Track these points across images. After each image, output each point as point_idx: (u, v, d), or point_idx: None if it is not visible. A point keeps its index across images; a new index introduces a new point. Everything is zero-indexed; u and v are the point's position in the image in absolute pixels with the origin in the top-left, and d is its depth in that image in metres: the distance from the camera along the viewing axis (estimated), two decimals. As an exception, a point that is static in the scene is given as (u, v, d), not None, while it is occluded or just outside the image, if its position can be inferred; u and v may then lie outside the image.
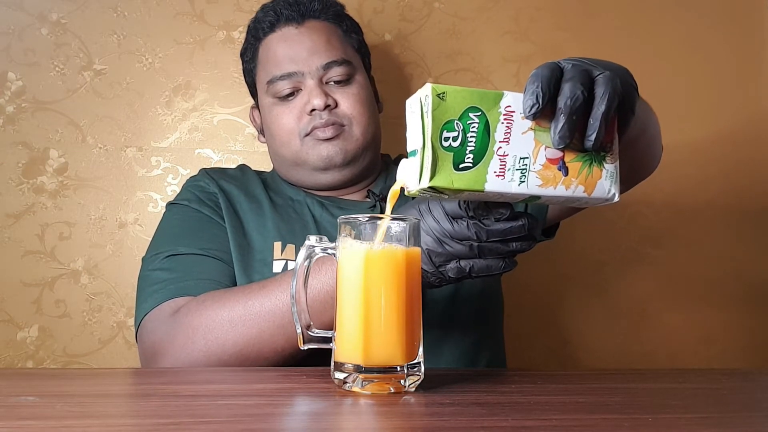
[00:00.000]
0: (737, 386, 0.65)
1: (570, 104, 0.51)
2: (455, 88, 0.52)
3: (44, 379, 0.63)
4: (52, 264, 1.16)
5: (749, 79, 1.36)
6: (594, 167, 0.55)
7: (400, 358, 0.54)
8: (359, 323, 0.53)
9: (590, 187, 0.55)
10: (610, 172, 0.56)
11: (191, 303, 0.76)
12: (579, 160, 0.55)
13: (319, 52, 0.93)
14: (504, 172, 0.53)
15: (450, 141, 0.52)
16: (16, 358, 1.14)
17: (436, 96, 0.51)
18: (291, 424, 0.45)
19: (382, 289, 0.54)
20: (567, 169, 0.54)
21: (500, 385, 0.61)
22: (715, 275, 1.33)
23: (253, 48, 0.99)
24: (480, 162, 0.52)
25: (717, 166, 1.34)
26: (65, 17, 1.20)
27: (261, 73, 0.97)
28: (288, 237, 0.88)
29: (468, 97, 0.52)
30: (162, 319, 0.77)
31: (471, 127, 0.52)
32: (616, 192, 0.56)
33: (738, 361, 1.31)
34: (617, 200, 0.56)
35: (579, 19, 1.32)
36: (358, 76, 0.95)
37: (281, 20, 0.95)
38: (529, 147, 0.53)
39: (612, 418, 0.49)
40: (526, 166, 0.53)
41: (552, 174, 0.54)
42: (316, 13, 0.96)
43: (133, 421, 0.46)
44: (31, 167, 1.17)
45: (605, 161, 0.55)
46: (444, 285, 0.63)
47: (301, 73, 0.92)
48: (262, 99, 0.97)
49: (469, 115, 0.52)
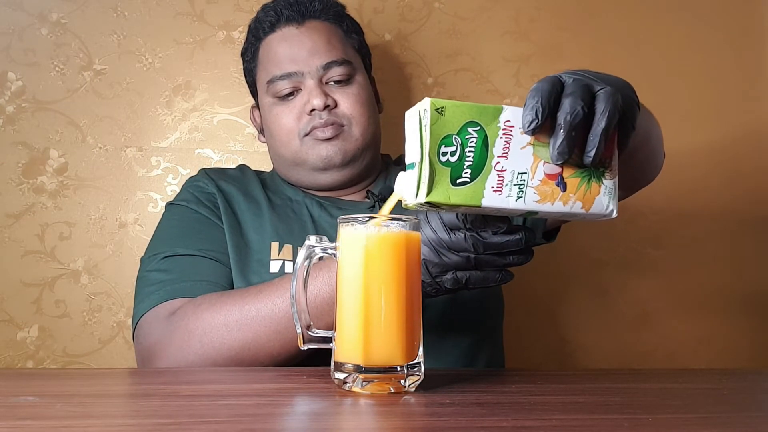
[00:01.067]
0: (737, 386, 0.65)
1: (570, 120, 0.51)
2: (454, 103, 0.52)
3: (44, 379, 0.63)
4: (52, 264, 1.16)
5: (749, 79, 1.36)
6: (593, 183, 0.55)
7: (400, 358, 0.54)
8: (359, 321, 0.53)
9: (588, 203, 0.55)
10: (609, 188, 0.55)
11: (188, 306, 0.76)
12: (578, 175, 0.54)
13: (320, 52, 0.93)
14: (501, 188, 0.53)
15: (448, 156, 0.52)
16: (16, 358, 1.14)
17: (435, 110, 0.51)
18: (291, 424, 0.45)
19: (382, 276, 0.54)
20: (565, 185, 0.54)
21: (500, 385, 0.61)
22: (715, 276, 1.33)
23: (253, 48, 0.99)
24: (478, 177, 0.52)
25: (717, 167, 1.34)
26: (65, 17, 1.20)
27: (261, 73, 0.97)
28: (285, 237, 0.88)
29: (467, 111, 0.52)
30: (158, 321, 0.77)
31: (469, 142, 0.52)
32: (614, 208, 0.56)
33: (738, 361, 1.31)
34: (615, 216, 0.56)
35: (579, 19, 1.33)
36: (358, 76, 0.95)
37: (282, 20, 0.95)
38: (527, 162, 0.53)
39: (612, 418, 0.49)
40: (524, 182, 0.53)
41: (550, 189, 0.54)
42: (316, 14, 0.96)
43: (133, 421, 0.46)
44: (31, 167, 1.17)
45: (604, 177, 0.55)
46: (440, 295, 0.64)
47: (301, 73, 0.92)
48: (262, 99, 0.97)
49: (468, 129, 0.52)
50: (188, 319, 0.74)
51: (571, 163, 0.54)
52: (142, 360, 0.78)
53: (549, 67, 1.29)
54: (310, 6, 0.95)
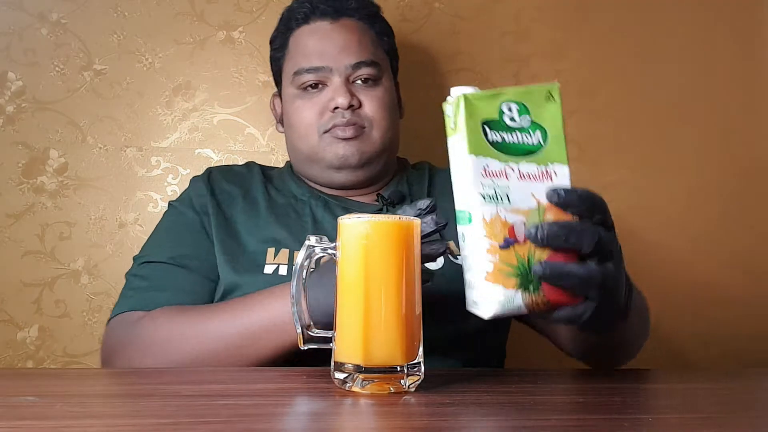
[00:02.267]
0: (737, 386, 0.65)
1: (562, 244, 0.52)
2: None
3: (44, 379, 0.63)
4: (52, 264, 1.16)
5: (750, 79, 1.36)
6: (516, 281, 0.53)
7: (400, 358, 0.54)
8: (359, 317, 0.53)
9: (495, 281, 0.53)
10: (518, 302, 0.53)
11: (153, 315, 0.79)
12: (519, 265, 0.53)
13: (350, 51, 0.92)
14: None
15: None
16: (16, 358, 1.14)
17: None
18: (291, 424, 0.45)
19: (382, 272, 0.54)
20: (504, 254, 0.53)
21: (500, 385, 0.61)
22: (716, 275, 1.33)
23: (283, 37, 0.98)
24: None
25: (717, 167, 1.33)
26: (65, 17, 1.20)
27: (288, 63, 0.96)
28: (283, 241, 0.88)
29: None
30: (123, 326, 0.81)
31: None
32: (494, 312, 0.54)
33: (738, 361, 1.31)
34: (486, 318, 0.55)
35: (579, 19, 1.32)
36: (384, 79, 0.95)
37: (316, 13, 0.95)
38: (529, 201, 0.54)
39: (612, 418, 0.49)
40: (502, 196, 0.53)
41: (496, 232, 0.53)
42: (351, 12, 0.95)
43: (133, 421, 0.46)
44: (31, 167, 1.17)
45: (532, 292, 0.53)
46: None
47: (329, 69, 0.92)
48: (285, 89, 0.97)
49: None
50: (149, 331, 0.78)
51: (522, 253, 0.53)
52: (103, 358, 0.83)
53: (549, 67, 1.29)
54: (346, 3, 0.95)
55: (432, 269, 0.83)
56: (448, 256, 0.86)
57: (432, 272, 0.68)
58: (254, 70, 1.23)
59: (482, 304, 0.54)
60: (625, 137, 1.30)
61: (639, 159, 1.30)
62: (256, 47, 1.23)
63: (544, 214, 0.54)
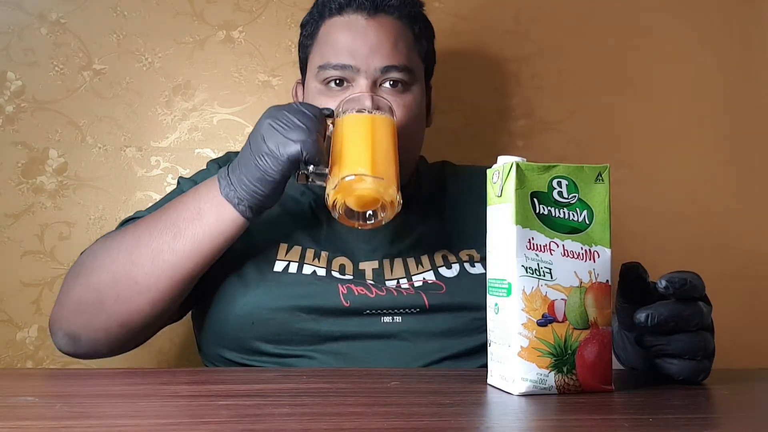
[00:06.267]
0: (737, 386, 0.65)
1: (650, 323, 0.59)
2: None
3: (44, 379, 0.63)
4: (51, 264, 1.16)
5: (752, 78, 1.36)
6: (557, 367, 0.53)
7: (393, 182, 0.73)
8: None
9: (530, 361, 0.53)
10: (551, 379, 0.53)
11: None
12: (555, 345, 0.53)
13: (382, 53, 0.85)
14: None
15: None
16: (15, 358, 1.14)
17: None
18: (291, 425, 0.45)
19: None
20: (545, 330, 0.52)
21: (500, 385, 0.61)
22: (716, 275, 1.33)
23: (315, 24, 0.92)
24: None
25: (719, 167, 1.33)
26: (65, 17, 1.20)
27: (315, 54, 0.90)
28: (294, 238, 0.86)
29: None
30: (90, 247, 0.84)
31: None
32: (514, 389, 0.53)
33: (738, 361, 1.31)
34: (515, 394, 0.54)
35: (579, 19, 1.32)
36: (415, 86, 0.89)
37: (352, 5, 0.87)
38: (572, 279, 0.54)
39: (612, 418, 0.49)
40: (545, 271, 0.53)
41: (535, 307, 0.53)
42: (390, 9, 0.88)
43: (133, 421, 0.46)
44: (31, 167, 1.17)
45: (567, 375, 0.53)
46: None
47: (356, 69, 0.85)
48: (309, 81, 0.91)
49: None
50: (96, 243, 0.82)
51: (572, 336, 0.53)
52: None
53: (549, 67, 1.29)
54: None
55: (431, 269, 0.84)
56: (464, 264, 0.85)
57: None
58: (254, 70, 1.23)
59: (512, 381, 0.54)
60: (625, 137, 1.30)
61: (639, 159, 1.30)
62: (256, 47, 1.23)
63: (585, 294, 0.54)
